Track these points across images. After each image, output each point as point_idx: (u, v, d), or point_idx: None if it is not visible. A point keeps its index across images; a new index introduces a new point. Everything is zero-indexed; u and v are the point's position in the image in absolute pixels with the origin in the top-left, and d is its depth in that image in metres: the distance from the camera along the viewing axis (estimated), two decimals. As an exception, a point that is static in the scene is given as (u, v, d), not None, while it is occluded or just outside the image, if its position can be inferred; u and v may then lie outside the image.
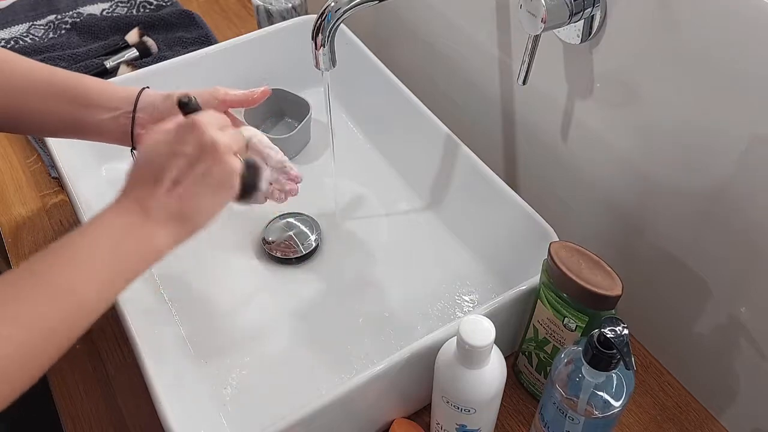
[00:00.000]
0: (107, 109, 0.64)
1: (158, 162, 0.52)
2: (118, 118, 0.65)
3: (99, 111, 0.64)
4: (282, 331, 0.75)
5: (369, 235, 0.84)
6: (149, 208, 0.51)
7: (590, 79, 0.68)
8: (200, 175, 0.53)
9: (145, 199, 0.51)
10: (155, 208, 0.51)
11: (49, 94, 0.63)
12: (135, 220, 0.51)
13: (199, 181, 0.53)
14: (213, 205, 0.55)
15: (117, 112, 0.65)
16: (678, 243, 0.67)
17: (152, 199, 0.51)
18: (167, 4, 1.20)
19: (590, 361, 0.53)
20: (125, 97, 0.65)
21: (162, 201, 0.52)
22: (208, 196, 0.54)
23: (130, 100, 0.65)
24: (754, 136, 0.55)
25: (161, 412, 0.57)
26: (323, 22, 0.63)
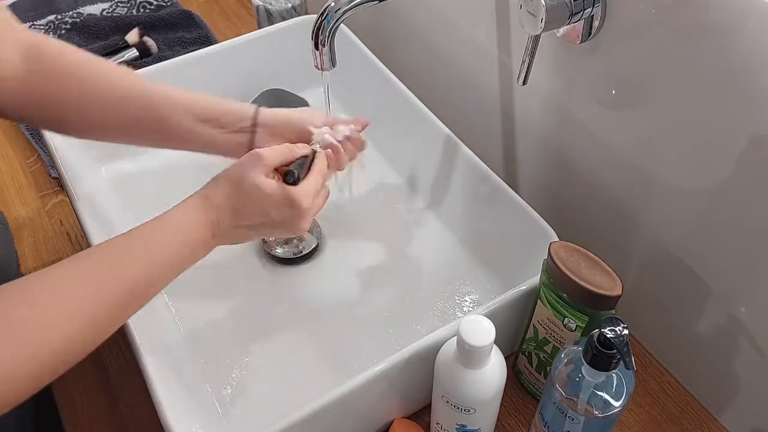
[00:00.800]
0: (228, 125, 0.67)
1: (251, 208, 0.60)
2: (236, 135, 0.68)
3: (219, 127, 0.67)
4: (282, 331, 0.75)
5: (369, 235, 0.84)
6: (221, 232, 0.59)
7: (590, 79, 0.68)
8: (270, 232, 0.63)
9: (222, 224, 0.59)
10: (225, 234, 0.60)
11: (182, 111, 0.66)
12: (205, 236, 0.58)
13: (265, 234, 0.64)
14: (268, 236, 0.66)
15: (235, 128, 0.67)
16: (678, 243, 0.67)
17: (227, 228, 0.59)
18: (167, 4, 1.20)
19: (590, 361, 0.53)
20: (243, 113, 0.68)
21: (232, 233, 0.60)
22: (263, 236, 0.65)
23: (247, 117, 0.68)
24: (754, 136, 0.55)
25: (161, 412, 0.57)
26: (323, 22, 0.63)
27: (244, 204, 0.59)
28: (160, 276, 0.55)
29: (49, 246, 0.87)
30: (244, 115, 0.67)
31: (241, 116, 0.67)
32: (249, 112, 0.67)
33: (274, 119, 0.68)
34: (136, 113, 0.65)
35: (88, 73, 0.64)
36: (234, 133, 0.67)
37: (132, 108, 0.65)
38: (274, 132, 0.68)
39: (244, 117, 0.67)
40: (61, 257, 0.85)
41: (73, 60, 0.64)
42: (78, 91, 0.63)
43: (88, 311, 0.49)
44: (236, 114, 0.67)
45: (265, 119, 0.67)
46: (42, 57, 0.62)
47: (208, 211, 0.58)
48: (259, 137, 0.67)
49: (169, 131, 0.67)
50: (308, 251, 0.81)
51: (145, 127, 0.66)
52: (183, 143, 0.68)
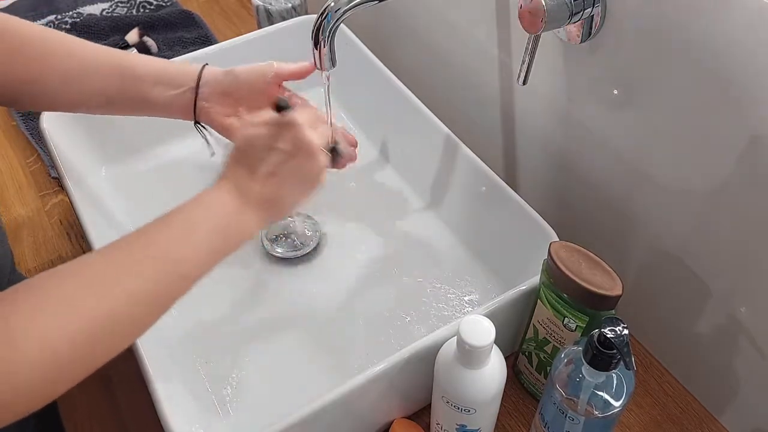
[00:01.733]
0: (173, 86, 0.69)
1: (256, 154, 0.57)
2: (184, 94, 0.69)
3: (166, 88, 0.68)
4: (282, 331, 0.75)
5: (369, 235, 0.84)
6: (246, 195, 0.56)
7: (590, 79, 0.68)
8: (294, 167, 0.58)
9: (243, 186, 0.56)
10: (252, 195, 0.57)
11: (119, 75, 0.67)
12: (233, 205, 0.56)
13: (292, 173, 0.58)
14: (300, 194, 0.61)
15: (182, 89, 0.69)
16: (678, 243, 0.67)
17: (249, 187, 0.57)
18: (167, 4, 1.20)
19: (590, 361, 0.53)
20: (189, 74, 0.69)
21: (257, 189, 0.57)
22: (298, 187, 0.60)
23: (193, 77, 0.69)
24: (754, 136, 0.55)
25: (161, 412, 0.57)
26: (323, 22, 0.63)
27: (246, 152, 0.58)
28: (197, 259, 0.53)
29: (49, 246, 0.87)
30: (189, 74, 0.69)
31: (186, 76, 0.69)
32: (193, 72, 0.69)
33: (216, 78, 0.69)
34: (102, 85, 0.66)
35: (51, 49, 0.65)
36: (181, 92, 0.69)
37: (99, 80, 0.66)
38: (224, 90, 0.69)
39: (189, 76, 0.69)
40: (61, 257, 0.85)
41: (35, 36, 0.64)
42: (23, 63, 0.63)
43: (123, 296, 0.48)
44: (181, 74, 0.69)
45: (209, 76, 0.69)
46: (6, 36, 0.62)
47: (221, 181, 0.57)
48: (209, 96, 0.69)
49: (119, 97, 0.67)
50: (308, 251, 0.81)
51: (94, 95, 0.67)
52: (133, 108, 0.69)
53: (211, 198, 0.56)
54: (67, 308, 0.46)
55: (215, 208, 0.55)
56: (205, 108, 0.69)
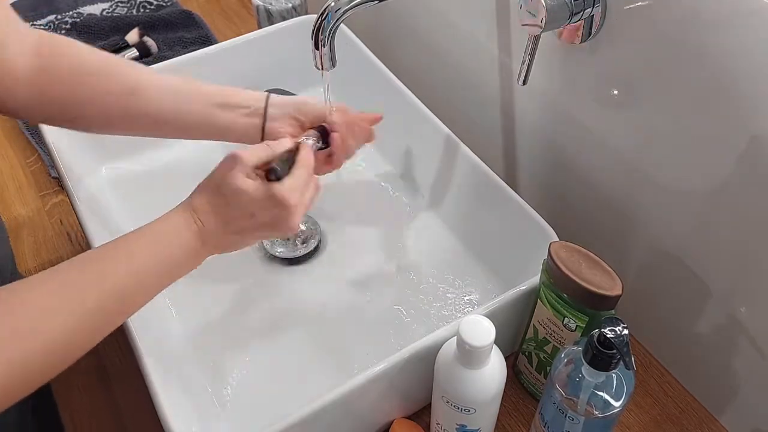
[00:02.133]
0: (239, 108, 0.69)
1: (235, 211, 0.58)
2: (250, 116, 0.70)
3: (235, 110, 0.69)
4: (282, 331, 0.75)
5: (369, 236, 0.84)
6: (208, 240, 0.58)
7: (590, 79, 0.68)
8: (261, 235, 0.61)
9: (209, 232, 0.57)
10: (213, 241, 0.58)
11: (193, 99, 0.68)
12: (192, 248, 0.57)
13: (260, 236, 0.61)
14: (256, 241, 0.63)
15: (248, 110, 0.69)
16: (678, 243, 0.67)
17: (214, 234, 0.58)
18: (167, 4, 1.20)
19: (590, 361, 0.53)
20: (254, 96, 0.70)
21: (221, 238, 0.59)
22: (258, 239, 0.63)
23: (260, 99, 0.70)
24: (754, 135, 0.55)
25: (161, 412, 0.57)
26: (323, 22, 0.63)
27: (227, 209, 0.58)
28: (144, 285, 0.54)
29: (49, 246, 0.87)
30: (258, 98, 0.70)
31: (254, 99, 0.69)
32: (261, 96, 0.70)
33: (285, 101, 0.70)
34: (154, 106, 0.66)
35: (100, 69, 0.65)
36: (249, 116, 0.69)
37: (147, 102, 0.66)
38: (288, 114, 0.70)
39: (258, 100, 0.69)
40: (61, 257, 0.85)
41: (84, 56, 0.64)
42: (92, 87, 0.64)
43: (69, 319, 0.49)
44: (249, 98, 0.70)
45: (275, 101, 0.70)
46: (52, 55, 0.62)
47: (193, 218, 0.57)
48: (274, 120, 0.69)
49: (185, 121, 0.68)
50: (308, 251, 0.81)
51: (161, 119, 0.67)
52: (199, 132, 0.69)
53: (172, 229, 0.56)
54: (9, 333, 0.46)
55: (176, 249, 0.56)
56: (275, 128, 0.69)
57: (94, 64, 0.65)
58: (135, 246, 0.54)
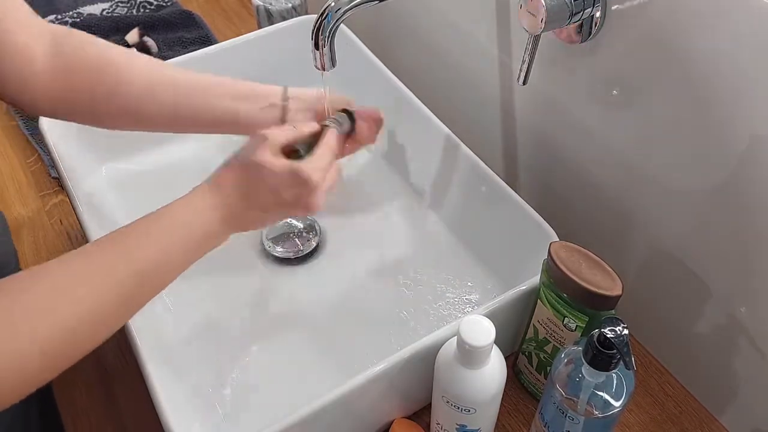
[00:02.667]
0: (259, 102, 0.70)
1: (259, 191, 0.59)
2: (270, 110, 0.70)
3: (253, 104, 0.70)
4: (282, 330, 0.75)
5: (369, 236, 0.84)
6: (231, 218, 0.58)
7: (590, 79, 0.68)
8: (283, 213, 0.62)
9: (232, 210, 0.58)
10: (236, 219, 0.59)
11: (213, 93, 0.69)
12: (216, 226, 0.57)
13: (282, 215, 0.63)
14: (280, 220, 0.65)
15: (267, 104, 0.70)
16: (678, 243, 0.67)
17: (238, 213, 0.58)
18: (167, 4, 1.20)
19: (590, 361, 0.53)
20: (272, 90, 0.71)
21: (244, 215, 0.59)
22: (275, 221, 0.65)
23: (278, 92, 0.71)
24: (754, 135, 0.55)
25: (161, 412, 0.57)
26: (323, 22, 0.63)
27: (253, 186, 0.58)
28: (170, 262, 0.54)
29: (49, 246, 0.87)
30: (276, 91, 0.71)
31: (272, 92, 0.70)
32: (278, 89, 0.71)
33: (303, 93, 0.71)
34: (173, 100, 0.67)
35: (120, 63, 0.65)
36: (268, 110, 0.70)
37: (168, 95, 0.67)
38: (307, 106, 0.71)
39: (275, 92, 0.70)
40: (61, 257, 0.85)
41: (103, 50, 0.65)
42: (112, 81, 0.64)
43: (96, 299, 0.49)
44: (267, 91, 0.70)
45: (294, 93, 0.71)
46: (74, 48, 0.63)
47: (217, 196, 0.57)
48: (293, 111, 0.70)
49: (206, 114, 0.68)
50: (308, 251, 0.81)
51: (182, 113, 0.68)
52: (219, 125, 0.70)
53: (196, 207, 0.57)
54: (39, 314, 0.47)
55: (196, 226, 0.56)
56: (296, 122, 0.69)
57: (117, 57, 0.65)
58: (158, 224, 0.55)
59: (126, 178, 0.88)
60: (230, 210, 0.58)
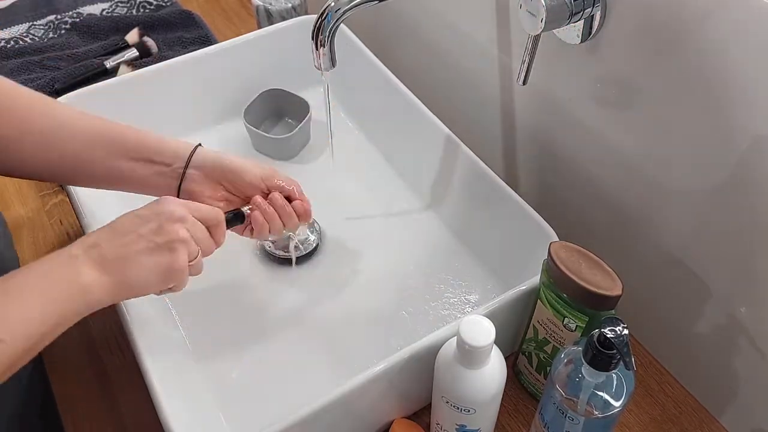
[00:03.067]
0: (161, 164, 0.66)
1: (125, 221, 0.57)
2: (170, 173, 0.67)
3: (152, 165, 0.66)
4: (282, 331, 0.75)
5: (368, 236, 0.84)
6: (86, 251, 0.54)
7: (590, 79, 0.68)
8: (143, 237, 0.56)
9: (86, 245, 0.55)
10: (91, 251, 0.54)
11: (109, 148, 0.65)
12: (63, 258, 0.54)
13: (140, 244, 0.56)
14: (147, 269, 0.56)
15: (169, 168, 0.67)
16: (678, 243, 0.67)
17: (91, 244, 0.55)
18: (167, 4, 1.20)
19: (590, 361, 0.53)
20: (178, 154, 0.67)
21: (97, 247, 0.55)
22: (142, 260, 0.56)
23: (183, 156, 0.67)
24: (754, 135, 0.55)
25: (161, 412, 0.57)
26: (323, 22, 0.63)
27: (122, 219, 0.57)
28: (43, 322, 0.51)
29: (49, 246, 0.87)
30: (181, 155, 0.66)
31: (176, 156, 0.66)
32: (184, 152, 0.67)
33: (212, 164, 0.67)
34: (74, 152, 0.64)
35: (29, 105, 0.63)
36: (165, 176, 0.66)
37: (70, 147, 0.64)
38: (217, 179, 0.67)
39: (180, 158, 0.66)
40: (61, 257, 0.85)
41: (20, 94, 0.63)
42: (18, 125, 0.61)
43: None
44: (172, 154, 0.66)
45: (200, 161, 0.67)
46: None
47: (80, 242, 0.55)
48: (194, 182, 0.67)
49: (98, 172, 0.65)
50: (308, 252, 0.81)
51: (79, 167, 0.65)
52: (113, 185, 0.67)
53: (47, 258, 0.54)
54: None
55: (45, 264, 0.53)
56: (195, 192, 0.67)
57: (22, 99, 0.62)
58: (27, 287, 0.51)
59: (126, 178, 0.88)
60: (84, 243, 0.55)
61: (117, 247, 0.55)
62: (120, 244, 0.55)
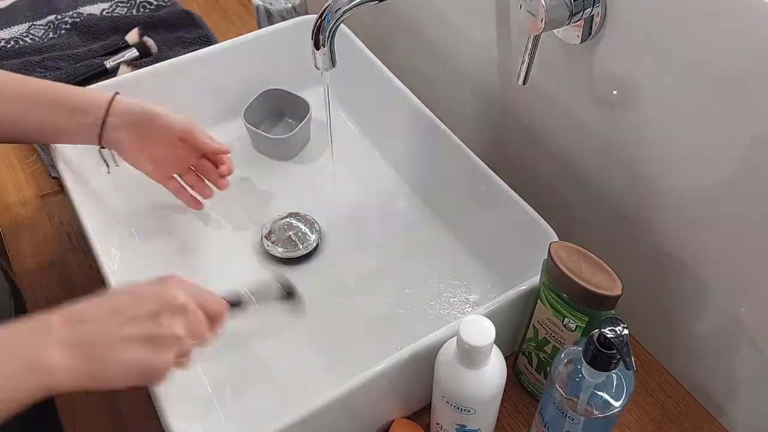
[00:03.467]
0: (82, 114, 0.68)
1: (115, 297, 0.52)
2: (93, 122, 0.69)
3: (73, 116, 0.68)
4: (282, 330, 0.75)
5: (369, 235, 0.84)
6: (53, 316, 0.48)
7: (590, 79, 0.68)
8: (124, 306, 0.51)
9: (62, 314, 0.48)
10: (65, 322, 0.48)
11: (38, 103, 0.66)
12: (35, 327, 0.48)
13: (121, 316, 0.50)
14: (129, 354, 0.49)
15: (91, 117, 0.69)
16: (678, 243, 0.67)
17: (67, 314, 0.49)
18: (167, 4, 1.20)
19: (590, 361, 0.53)
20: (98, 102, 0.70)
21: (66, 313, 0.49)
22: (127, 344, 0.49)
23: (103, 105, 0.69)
24: (754, 135, 0.55)
25: (161, 412, 0.57)
26: (323, 22, 0.63)
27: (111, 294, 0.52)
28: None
29: (49, 246, 0.87)
30: (99, 104, 0.69)
31: (96, 106, 0.69)
32: (104, 102, 0.69)
33: (130, 111, 0.70)
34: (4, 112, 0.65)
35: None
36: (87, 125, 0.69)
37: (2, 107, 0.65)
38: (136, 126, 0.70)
39: (99, 107, 0.69)
40: (61, 257, 0.85)
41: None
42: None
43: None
44: (88, 102, 0.68)
45: (118, 109, 0.69)
46: None
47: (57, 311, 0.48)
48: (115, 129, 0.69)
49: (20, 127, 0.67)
50: (308, 251, 0.81)
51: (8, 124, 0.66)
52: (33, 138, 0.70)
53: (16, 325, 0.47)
54: None
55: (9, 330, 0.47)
56: (113, 137, 0.69)
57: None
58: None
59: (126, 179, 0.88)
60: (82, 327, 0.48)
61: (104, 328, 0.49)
62: (108, 325, 0.49)
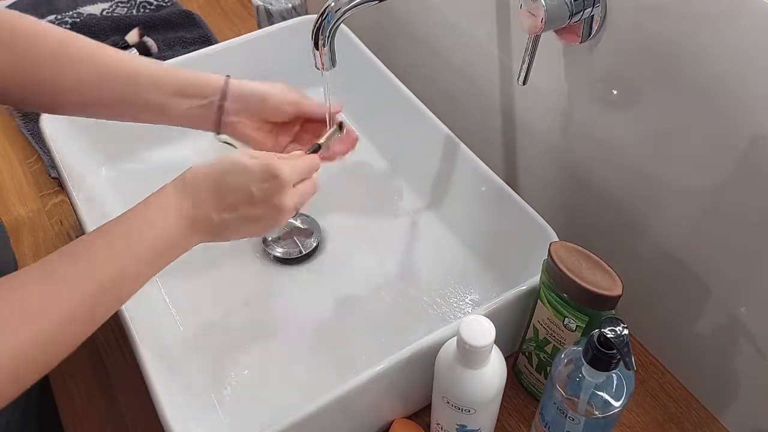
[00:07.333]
0: (194, 98, 0.68)
1: (228, 187, 0.58)
2: (207, 107, 0.69)
3: (186, 100, 0.68)
4: (282, 331, 0.75)
5: (369, 236, 0.84)
6: (197, 221, 0.57)
7: (590, 79, 0.68)
8: (252, 216, 0.59)
9: (199, 211, 0.57)
10: (202, 222, 0.57)
11: (134, 84, 0.67)
12: (179, 231, 0.56)
13: (248, 220, 0.59)
14: (246, 235, 0.61)
15: (204, 101, 0.69)
16: (678, 243, 0.67)
17: (205, 214, 0.57)
18: (167, 4, 1.20)
19: (590, 361, 0.53)
20: (211, 86, 0.69)
21: (209, 220, 0.57)
22: (246, 230, 0.60)
23: (217, 89, 0.69)
24: (755, 136, 0.55)
25: (161, 412, 0.57)
26: (323, 22, 0.63)
27: (222, 181, 0.57)
28: (133, 273, 0.53)
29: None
30: (215, 87, 0.69)
31: (212, 89, 0.69)
32: (219, 85, 0.69)
33: (246, 93, 0.70)
34: (119, 93, 0.66)
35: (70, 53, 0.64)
36: (204, 108, 0.69)
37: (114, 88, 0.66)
38: (250, 109, 0.70)
39: (215, 90, 0.69)
40: (61, 257, 0.85)
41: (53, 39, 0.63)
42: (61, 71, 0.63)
43: (56, 313, 0.48)
44: (207, 87, 0.69)
45: (236, 91, 0.69)
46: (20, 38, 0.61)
47: (182, 195, 0.56)
48: (232, 114, 0.69)
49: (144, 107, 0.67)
50: (308, 251, 0.81)
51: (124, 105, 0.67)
52: (152, 119, 0.69)
53: (159, 216, 0.56)
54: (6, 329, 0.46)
55: (161, 233, 0.55)
56: (233, 123, 0.70)
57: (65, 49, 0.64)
58: (121, 233, 0.54)
59: (126, 178, 0.88)
60: (194, 210, 0.56)
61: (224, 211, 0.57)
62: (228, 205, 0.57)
